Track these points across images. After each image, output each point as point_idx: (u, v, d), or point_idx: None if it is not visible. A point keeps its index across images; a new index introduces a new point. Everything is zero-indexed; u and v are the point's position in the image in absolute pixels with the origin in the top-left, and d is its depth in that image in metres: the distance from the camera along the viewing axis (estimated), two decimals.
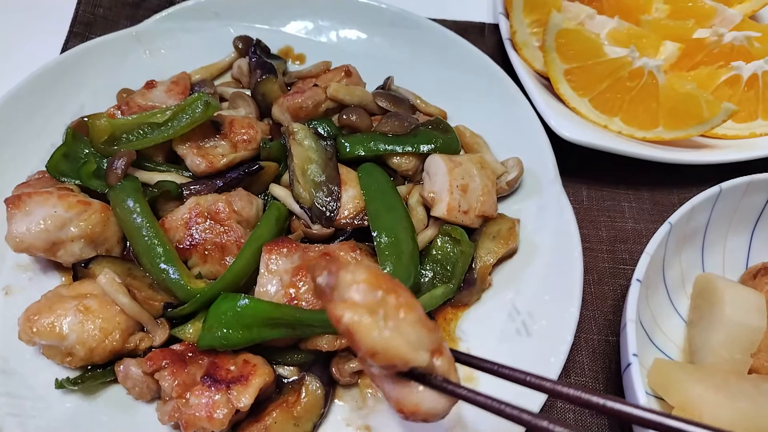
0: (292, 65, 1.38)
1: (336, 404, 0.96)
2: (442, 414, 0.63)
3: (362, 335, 0.55)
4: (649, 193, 1.26)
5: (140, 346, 0.95)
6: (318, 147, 1.11)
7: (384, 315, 0.57)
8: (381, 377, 0.62)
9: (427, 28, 1.36)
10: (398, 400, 0.62)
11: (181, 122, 1.07)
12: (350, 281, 0.58)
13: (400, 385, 0.61)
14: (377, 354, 0.55)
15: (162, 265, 0.97)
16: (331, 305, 0.57)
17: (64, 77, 1.23)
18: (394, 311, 0.57)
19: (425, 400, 0.61)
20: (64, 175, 1.08)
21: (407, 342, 0.57)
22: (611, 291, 1.13)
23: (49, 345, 0.92)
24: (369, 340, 0.55)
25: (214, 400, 0.86)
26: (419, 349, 0.58)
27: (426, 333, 0.59)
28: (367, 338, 0.55)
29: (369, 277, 0.58)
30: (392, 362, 0.56)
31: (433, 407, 0.62)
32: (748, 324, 0.95)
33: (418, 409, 0.61)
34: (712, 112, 1.17)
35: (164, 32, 1.34)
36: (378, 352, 0.55)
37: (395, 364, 0.56)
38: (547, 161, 1.15)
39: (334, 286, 0.59)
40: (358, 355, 0.58)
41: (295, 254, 0.98)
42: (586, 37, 1.24)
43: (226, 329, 0.90)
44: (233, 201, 1.03)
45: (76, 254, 1.00)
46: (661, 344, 1.01)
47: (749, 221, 1.09)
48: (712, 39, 1.30)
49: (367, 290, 0.57)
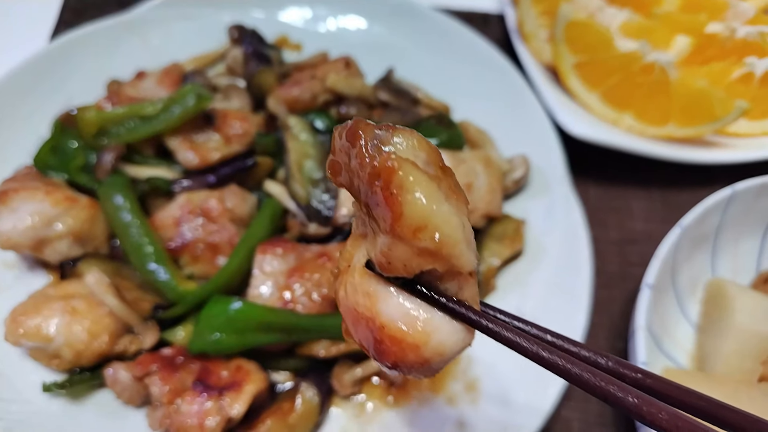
0: (289, 55, 1.33)
1: (333, 412, 0.93)
2: (453, 351, 0.45)
3: (412, 198, 0.40)
4: (660, 193, 1.22)
5: (129, 349, 0.92)
6: (315, 141, 1.07)
7: (443, 188, 0.42)
8: (383, 284, 0.45)
9: (430, 17, 1.31)
10: (400, 320, 0.43)
11: (172, 115, 1.03)
12: (409, 146, 0.42)
13: (410, 300, 0.44)
14: (425, 229, 0.40)
15: (151, 264, 0.94)
16: (381, 155, 0.41)
17: (52, 67, 1.19)
18: (454, 192, 0.43)
19: (441, 328, 0.44)
20: (51, 169, 1.04)
21: (465, 231, 0.42)
22: (620, 294, 1.09)
23: (35, 347, 0.89)
24: (421, 206, 0.40)
25: (205, 408, 0.83)
26: (472, 248, 0.43)
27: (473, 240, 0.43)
28: (418, 203, 0.40)
29: (431, 152, 0.43)
30: (439, 248, 0.40)
31: (448, 339, 0.44)
32: (758, 331, 0.92)
33: (428, 339, 0.43)
34: (725, 109, 1.13)
35: (156, 20, 1.28)
36: (428, 226, 0.40)
37: (438, 253, 0.41)
38: (556, 159, 1.11)
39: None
40: (381, 227, 0.42)
41: (291, 255, 0.94)
42: (596, 29, 1.19)
43: (219, 333, 0.87)
44: (226, 198, 1.00)
45: (63, 252, 0.97)
46: (670, 351, 0.98)
47: (761, 224, 1.06)
48: (724, 34, 1.25)
49: (428, 160, 0.43)
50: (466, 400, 0.92)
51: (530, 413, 0.88)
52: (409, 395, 0.94)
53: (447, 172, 0.43)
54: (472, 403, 0.92)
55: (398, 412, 0.93)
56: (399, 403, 0.93)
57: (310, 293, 0.91)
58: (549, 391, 0.89)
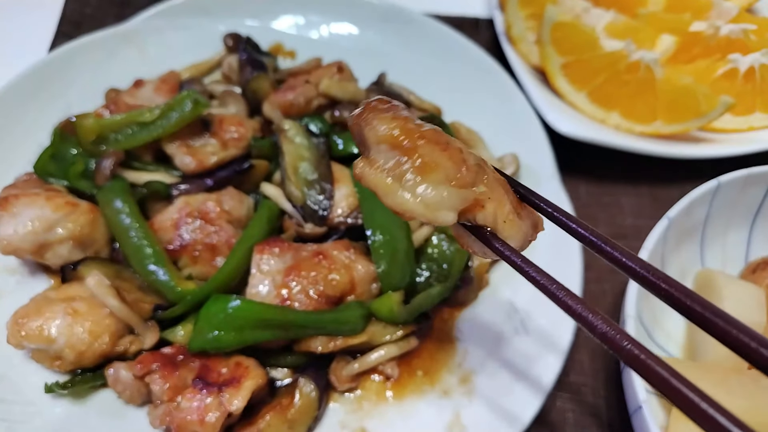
0: (283, 62, 1.36)
1: (331, 407, 0.94)
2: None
3: (381, 197, 0.54)
4: (648, 188, 1.24)
5: (130, 349, 0.93)
6: (310, 144, 1.10)
7: (403, 176, 0.54)
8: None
9: (421, 22, 1.34)
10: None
11: (169, 121, 1.05)
12: (374, 140, 0.56)
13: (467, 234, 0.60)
14: (401, 215, 0.54)
15: (151, 266, 0.95)
16: (354, 165, 0.57)
17: (52, 77, 1.21)
18: (413, 174, 0.53)
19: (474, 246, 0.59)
20: (51, 176, 1.06)
21: (425, 204, 0.53)
22: (611, 289, 1.11)
23: (37, 349, 0.91)
24: (388, 201, 0.54)
25: (205, 404, 0.84)
26: (441, 209, 0.53)
27: (454, 191, 0.53)
28: (386, 200, 0.54)
29: (389, 135, 0.54)
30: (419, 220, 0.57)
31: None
32: (748, 319, 0.93)
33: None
34: (710, 105, 1.16)
35: (152, 30, 1.31)
36: (399, 212, 0.54)
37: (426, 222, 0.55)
38: (545, 157, 1.14)
39: (365, 144, 0.57)
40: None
41: (288, 254, 0.96)
42: (582, 30, 1.22)
43: (218, 331, 0.88)
44: (223, 200, 1.02)
45: (64, 256, 0.99)
46: (662, 342, 1.00)
47: (748, 215, 1.08)
48: (708, 32, 1.28)
49: (388, 150, 0.55)
50: (461, 392, 0.94)
51: (524, 405, 0.89)
52: (405, 389, 0.95)
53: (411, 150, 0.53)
54: (467, 395, 0.93)
55: (395, 406, 0.94)
56: (396, 397, 0.95)
57: (307, 290, 0.93)
58: (543, 382, 0.90)
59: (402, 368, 0.97)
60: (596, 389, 1.01)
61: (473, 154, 0.57)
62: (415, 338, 0.97)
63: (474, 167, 0.55)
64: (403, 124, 0.55)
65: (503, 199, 0.56)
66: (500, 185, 0.57)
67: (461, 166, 0.53)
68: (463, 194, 0.54)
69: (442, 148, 0.53)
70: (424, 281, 1.02)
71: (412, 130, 0.54)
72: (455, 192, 0.53)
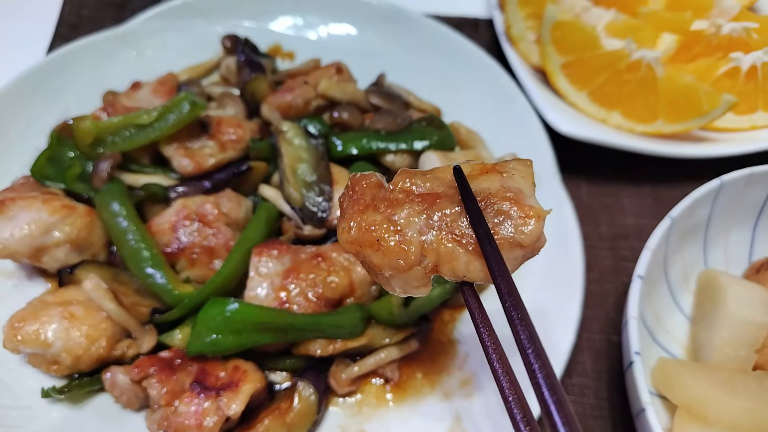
0: (282, 63, 1.35)
1: (330, 410, 0.93)
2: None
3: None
4: (650, 189, 1.23)
5: (127, 354, 0.93)
6: (308, 146, 1.09)
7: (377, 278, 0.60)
8: None
9: (420, 23, 1.33)
10: None
11: (167, 123, 1.04)
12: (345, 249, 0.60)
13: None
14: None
15: (148, 269, 0.94)
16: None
17: (49, 79, 1.21)
18: (379, 277, 0.59)
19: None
20: (48, 179, 1.05)
21: (403, 292, 0.59)
22: (613, 289, 1.10)
23: (34, 353, 0.90)
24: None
25: (203, 408, 0.83)
26: (411, 293, 0.59)
27: (406, 276, 0.57)
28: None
29: (350, 244, 0.58)
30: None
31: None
32: (752, 320, 0.93)
33: None
34: (712, 104, 1.15)
35: (150, 32, 1.31)
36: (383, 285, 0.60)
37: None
38: (546, 157, 1.13)
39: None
40: None
41: (286, 256, 0.95)
42: (582, 29, 1.21)
43: (216, 335, 0.87)
44: (221, 202, 1.01)
45: (61, 260, 0.98)
46: (665, 342, 0.99)
47: (751, 215, 1.07)
48: (710, 30, 1.27)
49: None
50: (462, 395, 0.93)
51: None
52: (405, 392, 0.94)
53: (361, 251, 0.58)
54: (468, 398, 0.92)
55: (395, 409, 0.93)
56: (396, 401, 0.94)
57: (306, 293, 0.92)
58: None
59: (402, 371, 0.96)
60: (599, 391, 1.00)
61: (414, 213, 0.57)
62: (416, 341, 0.96)
63: (414, 242, 0.56)
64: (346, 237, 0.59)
65: (452, 256, 0.56)
66: (451, 239, 0.56)
67: (397, 258, 0.56)
68: (414, 274, 0.56)
69: (374, 250, 0.56)
70: None
71: (354, 242, 0.58)
72: (409, 276, 0.57)
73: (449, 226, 0.56)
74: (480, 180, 0.58)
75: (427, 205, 0.57)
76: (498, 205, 0.55)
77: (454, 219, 0.56)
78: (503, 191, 0.56)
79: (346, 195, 0.61)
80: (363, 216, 0.57)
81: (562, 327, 0.94)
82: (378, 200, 0.58)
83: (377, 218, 0.57)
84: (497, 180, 0.58)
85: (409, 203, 0.57)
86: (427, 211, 0.56)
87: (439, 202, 0.57)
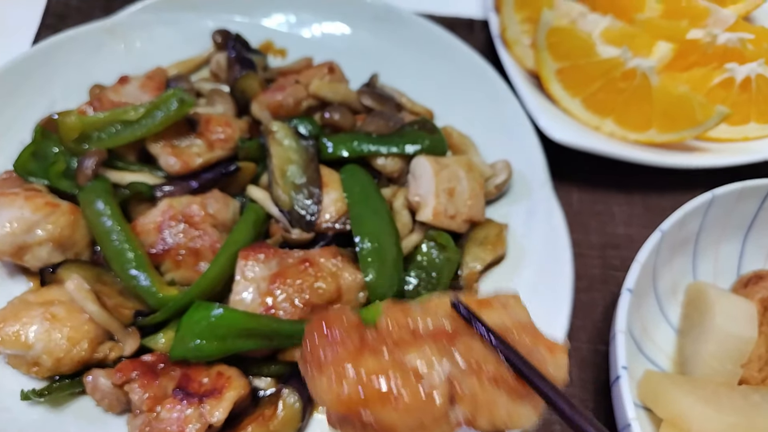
0: (273, 60, 1.33)
1: (315, 418, 0.92)
2: None
3: None
4: (641, 197, 1.23)
5: (110, 356, 0.91)
6: (299, 147, 1.07)
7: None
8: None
9: (414, 23, 1.32)
10: None
11: (154, 120, 1.02)
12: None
13: None
14: None
15: (132, 271, 0.93)
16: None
17: (34, 72, 1.18)
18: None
19: None
20: (32, 174, 1.03)
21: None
22: (601, 298, 1.10)
23: (14, 354, 0.88)
24: None
25: (185, 415, 0.82)
26: None
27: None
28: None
29: (339, 402, 0.49)
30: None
31: None
32: (738, 334, 0.93)
33: None
34: (706, 114, 1.15)
35: (139, 25, 1.28)
36: None
37: None
38: (537, 164, 1.12)
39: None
40: None
41: (273, 260, 0.94)
42: (578, 36, 1.20)
43: (200, 340, 0.86)
44: (208, 203, 0.99)
45: (43, 258, 0.96)
46: (651, 354, 0.99)
47: (741, 228, 1.07)
48: (705, 40, 1.27)
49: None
50: None
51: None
52: None
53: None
54: None
55: None
56: None
57: (293, 299, 0.90)
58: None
59: None
60: (585, 401, 1.00)
61: (430, 354, 0.49)
62: None
63: (439, 391, 0.48)
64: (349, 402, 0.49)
65: (491, 406, 0.49)
66: (486, 386, 0.49)
67: (418, 414, 0.48)
68: (443, 429, 0.49)
69: (385, 404, 0.48)
70: (413, 289, 1.00)
71: (349, 399, 0.49)
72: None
73: (480, 367, 0.47)
74: (485, 314, 0.53)
75: (443, 344, 0.48)
76: (519, 340, 0.50)
77: (485, 359, 0.48)
78: (519, 326, 0.51)
79: (319, 339, 0.49)
80: (358, 362, 0.47)
81: (549, 334, 0.94)
82: (376, 341, 0.49)
83: (383, 364, 0.47)
84: (503, 314, 0.52)
85: (418, 343, 0.48)
86: (445, 351, 0.48)
87: (456, 339, 0.49)
